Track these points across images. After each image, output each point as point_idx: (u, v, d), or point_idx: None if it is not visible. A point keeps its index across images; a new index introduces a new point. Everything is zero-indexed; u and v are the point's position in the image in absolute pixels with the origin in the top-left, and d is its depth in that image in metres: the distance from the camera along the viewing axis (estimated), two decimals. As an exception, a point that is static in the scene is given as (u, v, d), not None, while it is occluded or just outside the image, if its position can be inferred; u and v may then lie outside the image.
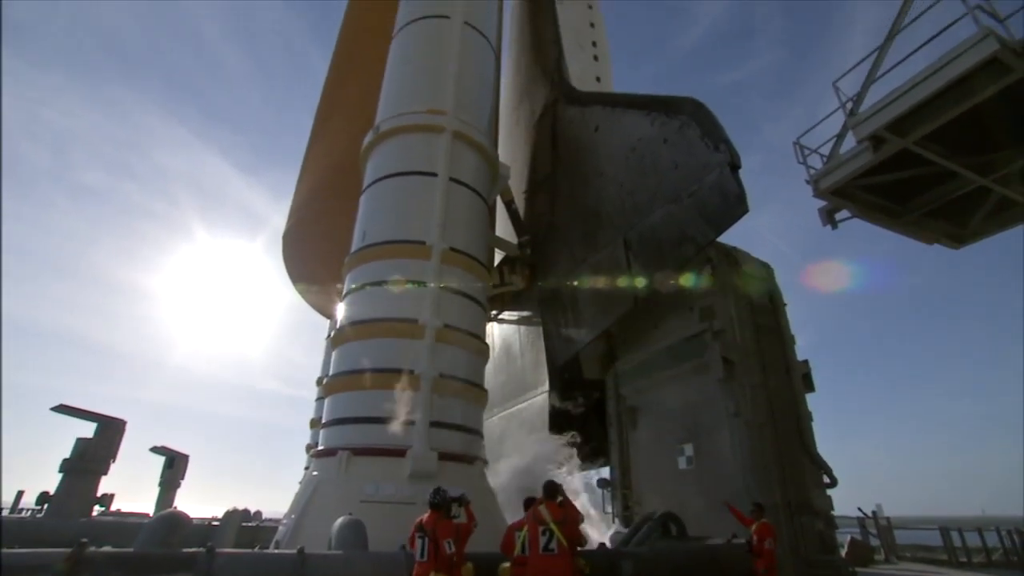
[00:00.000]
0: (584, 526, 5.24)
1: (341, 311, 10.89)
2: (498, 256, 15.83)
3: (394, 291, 9.85)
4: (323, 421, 9.76)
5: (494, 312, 17.07)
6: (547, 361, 13.95)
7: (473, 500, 5.58)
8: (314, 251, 16.83)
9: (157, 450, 20.24)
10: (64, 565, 4.50)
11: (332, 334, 11.49)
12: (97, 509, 16.15)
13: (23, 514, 17.43)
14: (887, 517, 15.85)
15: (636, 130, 11.41)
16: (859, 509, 16.11)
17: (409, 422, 8.70)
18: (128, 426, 17.04)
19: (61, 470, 15.08)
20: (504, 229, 16.01)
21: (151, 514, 17.63)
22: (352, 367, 9.50)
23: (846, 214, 9.29)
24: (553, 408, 13.56)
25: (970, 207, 9.24)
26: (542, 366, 14.40)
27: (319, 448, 9.36)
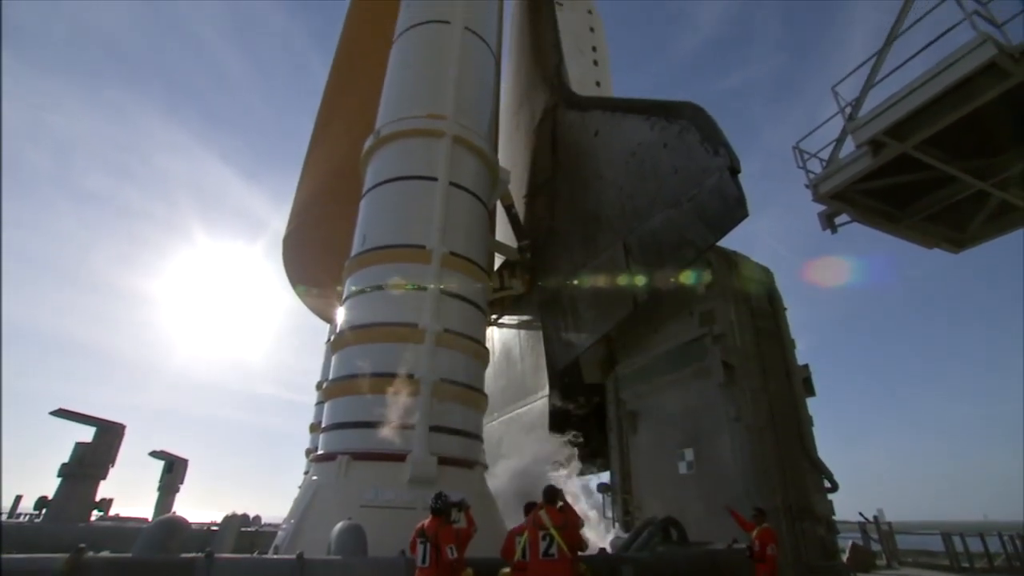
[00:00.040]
0: (583, 530, 5.21)
1: (341, 315, 10.88)
2: (498, 260, 15.85)
3: (394, 295, 9.85)
4: (323, 425, 9.73)
5: (494, 316, 17.06)
6: (547, 365, 13.93)
7: (473, 505, 5.58)
8: (314, 255, 16.84)
9: (156, 454, 20.19)
10: (63, 569, 4.48)
11: (332, 338, 11.48)
12: (95, 514, 16.10)
13: (21, 519, 17.36)
14: (889, 522, 15.79)
15: (636, 135, 11.43)
16: (860, 514, 16.06)
17: (409, 426, 8.68)
18: (127, 430, 17.02)
19: (60, 474, 15.03)
20: (504, 233, 16.03)
21: (150, 519, 17.58)
22: (352, 371, 9.48)
23: (846, 218, 9.29)
24: (553, 407, 13.55)
25: (970, 211, 9.24)
26: (542, 370, 14.38)
27: (319, 453, 9.33)
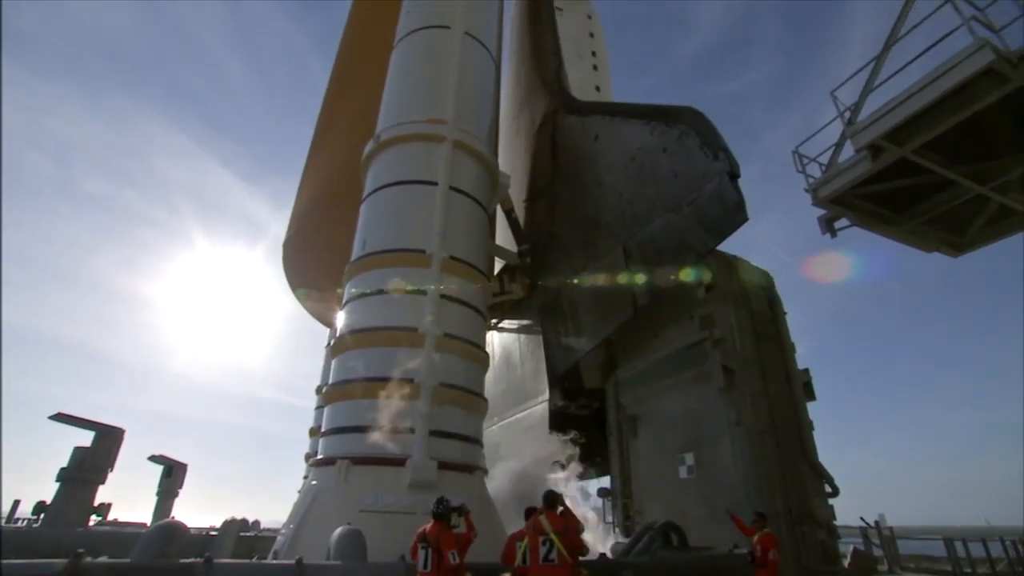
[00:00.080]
0: (584, 535, 5.20)
1: (341, 319, 10.88)
2: (498, 265, 15.85)
3: (394, 299, 9.85)
4: (322, 430, 9.71)
5: (494, 321, 17.05)
6: (547, 370, 13.92)
7: (473, 510, 5.56)
8: (314, 259, 16.86)
9: (155, 459, 20.09)
10: (62, 574, 4.47)
11: (332, 342, 11.47)
12: (94, 519, 16.02)
13: (19, 524, 17.28)
14: (890, 527, 15.71)
15: (635, 139, 11.47)
16: (861, 519, 15.99)
17: (409, 431, 8.67)
18: (126, 434, 16.96)
19: (58, 479, 14.97)
20: (504, 238, 16.04)
21: (148, 524, 17.50)
22: (352, 376, 9.48)
23: (845, 222, 9.30)
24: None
25: (969, 215, 9.26)
26: (542, 375, 14.36)
27: (318, 457, 9.31)
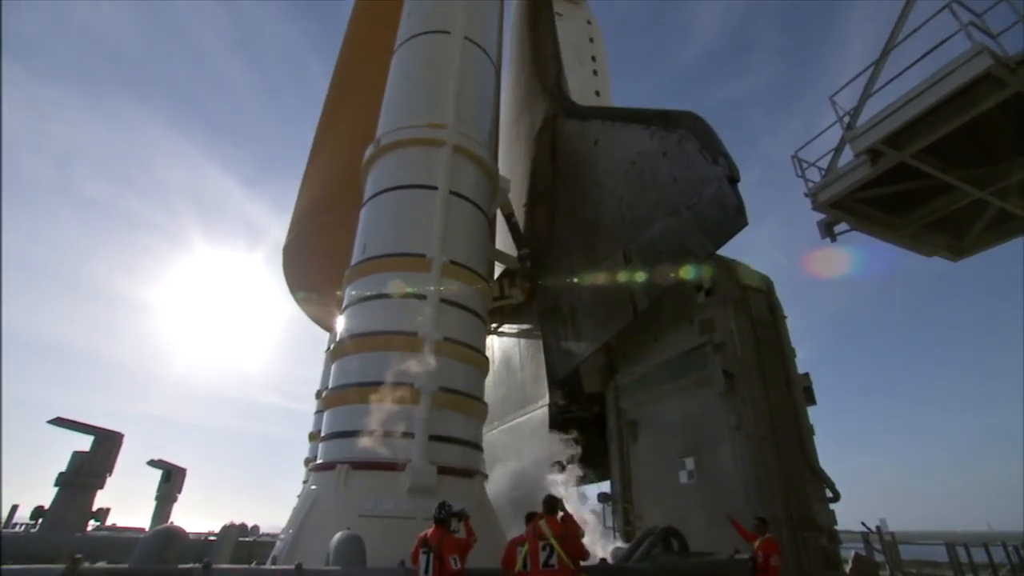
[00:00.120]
0: (584, 540, 5.18)
1: (341, 324, 10.87)
2: (498, 269, 15.87)
3: (394, 304, 9.85)
4: (322, 434, 9.69)
5: (494, 325, 17.05)
6: (547, 374, 13.91)
7: (473, 515, 5.54)
8: (314, 263, 16.85)
9: (154, 463, 20.07)
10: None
11: (332, 347, 11.47)
12: (92, 524, 15.97)
13: (17, 529, 17.22)
14: (892, 532, 15.66)
15: (635, 144, 11.50)
16: (863, 524, 15.93)
17: (408, 435, 8.65)
18: (126, 439, 16.92)
19: (57, 484, 14.93)
20: (504, 242, 16.07)
21: (147, 529, 17.43)
22: (351, 380, 9.46)
23: (845, 227, 9.33)
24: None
25: (968, 220, 9.28)
26: (542, 379, 14.35)
27: (318, 462, 9.27)
